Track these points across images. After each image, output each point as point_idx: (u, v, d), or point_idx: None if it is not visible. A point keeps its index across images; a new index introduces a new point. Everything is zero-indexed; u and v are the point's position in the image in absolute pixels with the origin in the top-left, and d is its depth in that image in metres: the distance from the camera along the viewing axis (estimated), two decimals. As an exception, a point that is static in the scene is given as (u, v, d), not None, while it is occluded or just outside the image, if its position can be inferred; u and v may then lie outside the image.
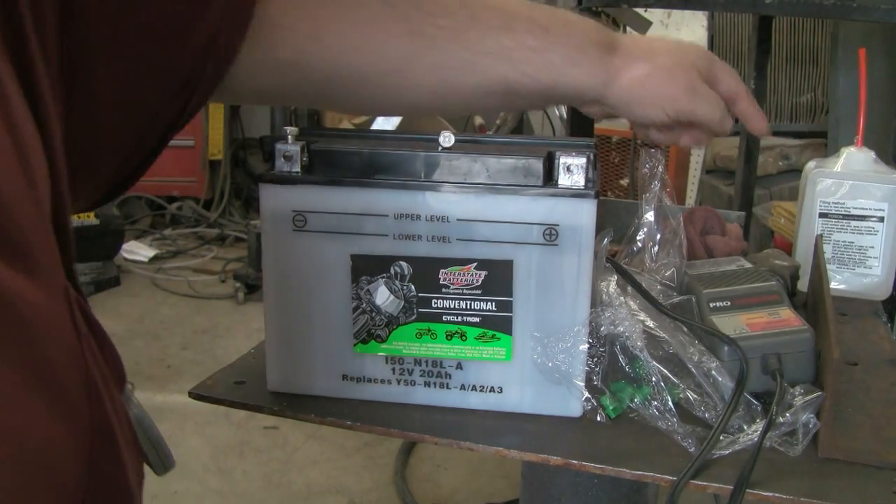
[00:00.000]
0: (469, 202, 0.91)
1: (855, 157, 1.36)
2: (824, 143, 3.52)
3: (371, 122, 2.16)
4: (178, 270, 4.43)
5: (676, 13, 3.96)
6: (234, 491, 2.50)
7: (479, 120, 3.46)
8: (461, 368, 0.97)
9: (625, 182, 3.48)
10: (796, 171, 3.41)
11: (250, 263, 4.10)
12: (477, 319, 0.94)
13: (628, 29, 2.98)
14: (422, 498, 2.50)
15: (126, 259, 4.48)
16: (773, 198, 3.38)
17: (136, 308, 3.93)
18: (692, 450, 0.89)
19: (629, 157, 3.34)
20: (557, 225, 0.90)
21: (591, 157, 0.90)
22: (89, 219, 4.05)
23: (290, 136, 0.94)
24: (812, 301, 1.20)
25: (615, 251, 1.20)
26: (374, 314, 0.96)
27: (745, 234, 2.57)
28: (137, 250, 4.58)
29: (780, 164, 3.59)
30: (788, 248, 1.49)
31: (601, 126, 3.65)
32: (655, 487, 1.15)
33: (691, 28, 3.96)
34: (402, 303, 0.95)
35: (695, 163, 3.78)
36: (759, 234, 3.17)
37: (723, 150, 3.67)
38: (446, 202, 0.91)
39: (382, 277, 0.95)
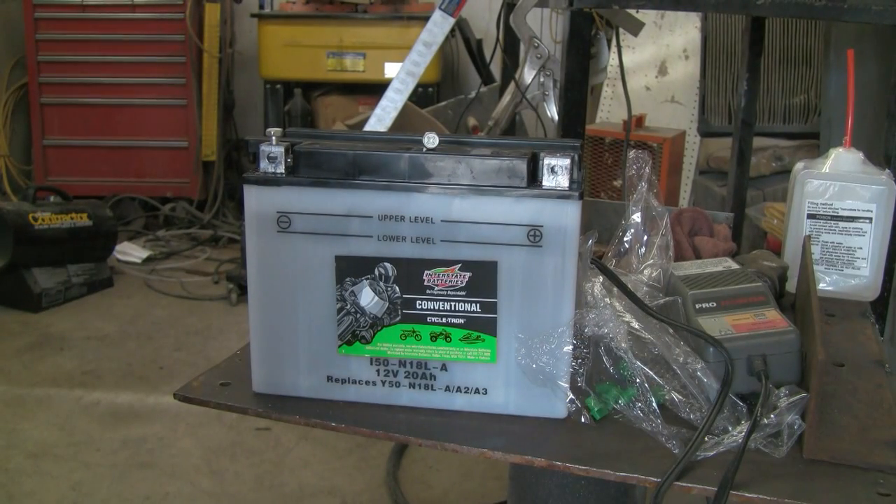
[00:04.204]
0: (453, 203, 0.91)
1: (843, 158, 1.36)
2: (818, 144, 3.52)
3: (364, 123, 2.16)
4: (171, 272, 4.41)
5: (670, 15, 3.96)
6: (225, 492, 2.49)
7: (472, 121, 3.45)
8: (446, 370, 0.96)
9: (618, 183, 3.47)
10: (789, 173, 3.41)
11: (243, 265, 4.09)
12: (461, 321, 0.94)
13: (621, 30, 2.98)
14: (414, 499, 2.49)
15: (119, 260, 4.46)
16: (767, 199, 3.38)
17: (128, 309, 3.91)
18: (676, 451, 0.89)
19: (622, 159, 3.34)
20: (542, 226, 0.90)
21: (576, 157, 0.90)
22: (82, 220, 4.04)
23: (273, 138, 0.93)
24: (799, 302, 1.20)
25: (602, 252, 1.19)
26: (358, 315, 0.96)
27: (738, 235, 2.58)
28: (130, 251, 4.57)
29: (774, 164, 3.59)
30: (781, 249, 1.49)
31: (594, 127, 3.64)
32: (643, 488, 1.15)
33: (685, 30, 3.96)
34: (387, 304, 0.95)
35: (688, 164, 3.77)
36: (752, 234, 3.17)
37: (716, 151, 3.67)
38: (430, 203, 0.91)
39: (367, 279, 0.94)
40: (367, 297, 0.95)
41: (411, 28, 4.54)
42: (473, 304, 0.93)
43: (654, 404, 0.93)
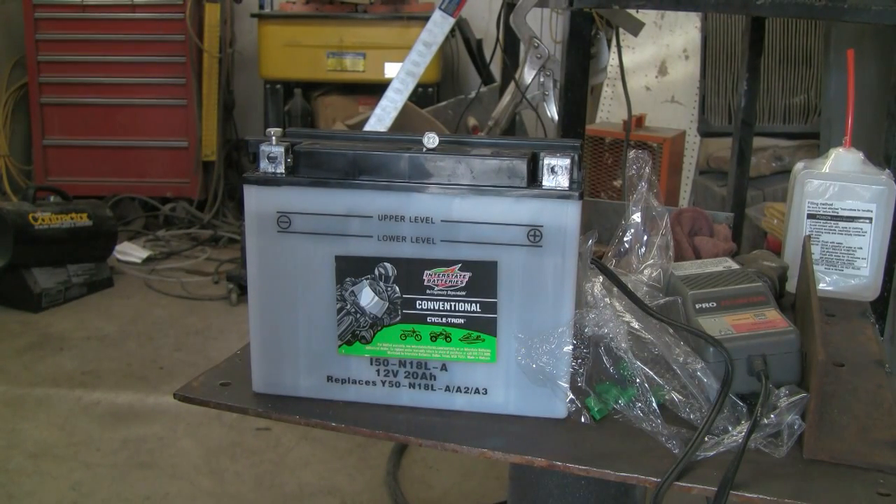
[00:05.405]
0: (453, 203, 0.91)
1: (843, 158, 1.36)
2: (818, 144, 3.52)
3: (364, 123, 2.16)
4: (171, 272, 4.41)
5: (670, 15, 3.96)
6: (226, 492, 2.49)
7: (472, 121, 3.45)
8: (446, 370, 0.96)
9: (618, 183, 3.47)
10: (789, 173, 3.40)
11: (243, 265, 4.09)
12: (461, 321, 0.94)
13: (621, 30, 2.98)
14: (414, 499, 2.49)
15: (119, 260, 4.46)
16: (767, 199, 3.38)
17: (128, 309, 3.91)
18: (676, 451, 0.89)
19: (622, 159, 3.34)
20: (542, 226, 0.90)
21: (576, 157, 0.90)
22: (82, 220, 4.04)
23: (273, 138, 0.93)
24: (800, 302, 1.20)
25: (602, 252, 1.19)
26: (358, 315, 0.96)
27: (738, 235, 2.58)
28: (131, 251, 4.57)
29: (774, 164, 3.59)
30: (781, 249, 1.49)
31: (594, 127, 3.64)
32: (643, 488, 1.15)
33: (685, 30, 3.96)
34: (387, 304, 0.95)
35: (688, 164, 3.77)
36: (753, 234, 3.17)
37: (716, 151, 3.67)
38: (430, 203, 0.91)
39: (367, 279, 0.94)
40: (367, 297, 0.95)
41: (411, 28, 4.54)
42: (473, 304, 0.93)
43: (654, 404, 0.93)
